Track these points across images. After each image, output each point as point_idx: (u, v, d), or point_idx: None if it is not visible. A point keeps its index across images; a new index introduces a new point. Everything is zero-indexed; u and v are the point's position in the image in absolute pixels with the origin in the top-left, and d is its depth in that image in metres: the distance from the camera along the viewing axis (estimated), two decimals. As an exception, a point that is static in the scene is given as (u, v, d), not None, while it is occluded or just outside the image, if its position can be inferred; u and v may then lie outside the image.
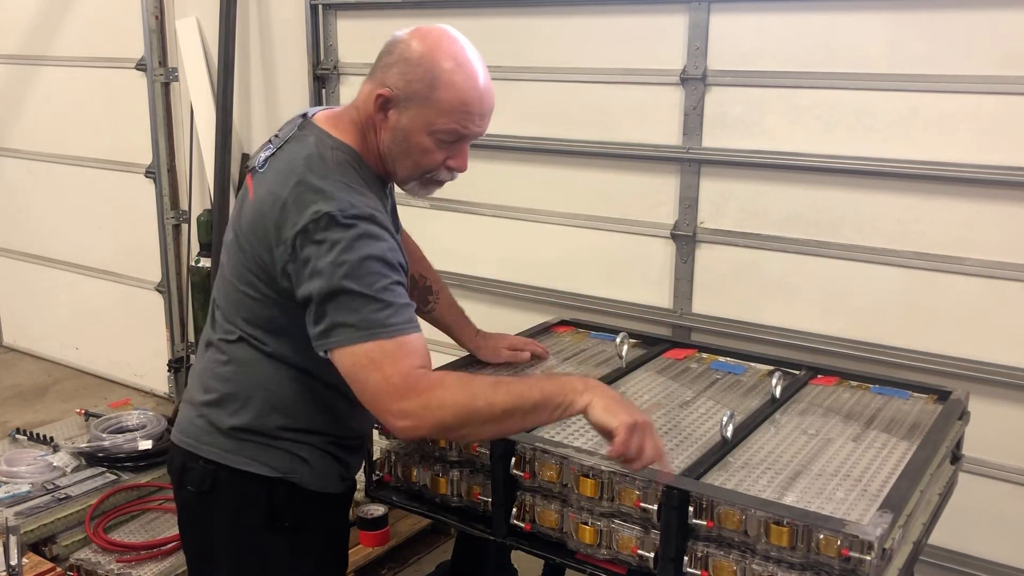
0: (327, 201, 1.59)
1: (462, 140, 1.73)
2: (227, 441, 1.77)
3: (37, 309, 5.35)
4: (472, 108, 1.68)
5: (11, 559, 2.63)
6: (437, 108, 1.66)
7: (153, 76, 4.30)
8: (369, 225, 1.60)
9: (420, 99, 1.67)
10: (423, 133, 1.69)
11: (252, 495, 1.76)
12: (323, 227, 1.57)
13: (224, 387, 1.77)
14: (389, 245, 1.62)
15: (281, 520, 1.77)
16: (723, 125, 2.86)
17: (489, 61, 1.76)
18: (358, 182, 1.68)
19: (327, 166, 1.66)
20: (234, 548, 1.82)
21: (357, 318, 1.56)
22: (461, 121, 1.68)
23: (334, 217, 1.57)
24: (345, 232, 1.57)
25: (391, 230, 1.66)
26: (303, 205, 1.59)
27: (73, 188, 4.90)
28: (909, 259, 2.64)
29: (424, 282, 2.24)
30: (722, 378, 2.26)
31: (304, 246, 1.58)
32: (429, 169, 1.75)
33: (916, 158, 2.57)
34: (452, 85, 1.66)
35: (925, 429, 1.96)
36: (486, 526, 1.85)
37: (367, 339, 1.55)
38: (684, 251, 2.99)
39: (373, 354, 1.55)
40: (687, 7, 2.84)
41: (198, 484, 1.80)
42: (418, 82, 1.66)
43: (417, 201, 3.54)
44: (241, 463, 1.76)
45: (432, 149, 1.71)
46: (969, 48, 2.46)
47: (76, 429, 3.51)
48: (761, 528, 1.52)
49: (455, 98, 1.66)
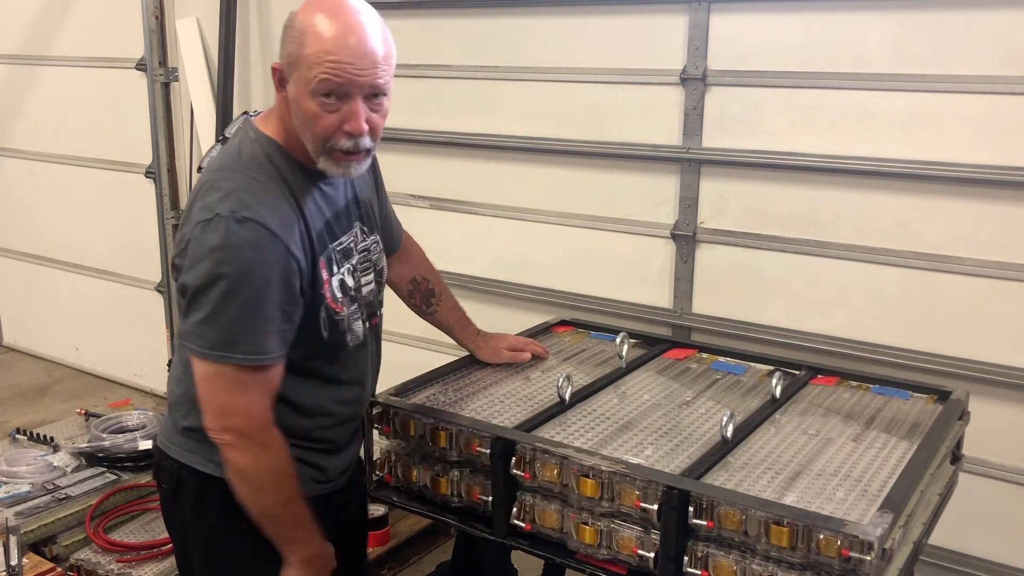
0: (223, 200, 1.61)
1: (349, 97, 1.62)
2: (186, 441, 1.80)
3: (37, 309, 5.35)
4: (339, 54, 1.58)
5: (11, 559, 2.63)
6: (308, 63, 1.59)
7: (153, 76, 4.30)
8: (259, 231, 1.59)
9: (296, 61, 1.61)
10: (306, 96, 1.61)
11: (211, 495, 1.78)
12: (214, 227, 1.59)
13: (178, 388, 1.81)
14: (273, 258, 1.62)
15: (239, 521, 1.76)
16: (723, 125, 2.86)
17: (489, 61, 1.76)
18: (273, 177, 1.67)
19: (239, 161, 1.68)
20: (203, 546, 1.86)
21: (216, 336, 1.60)
22: (331, 71, 1.58)
23: (223, 217, 1.59)
24: (229, 238, 1.58)
25: (285, 238, 1.63)
26: (202, 203, 1.63)
27: (73, 188, 4.89)
28: (909, 259, 2.64)
29: (427, 284, 2.24)
30: (722, 378, 2.26)
31: (191, 242, 1.62)
32: (325, 136, 1.64)
33: (916, 158, 2.57)
34: (319, 35, 1.59)
35: (925, 429, 1.96)
36: (486, 526, 1.85)
37: (220, 360, 1.61)
38: (684, 251, 2.99)
39: (227, 375, 1.62)
40: (687, 7, 2.84)
41: (168, 482, 1.85)
42: (292, 43, 1.62)
43: (417, 201, 3.54)
44: (198, 463, 1.78)
45: (320, 113, 1.62)
46: (969, 48, 2.46)
47: (76, 429, 3.52)
48: (761, 528, 1.52)
49: (322, 47, 1.58)
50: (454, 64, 3.33)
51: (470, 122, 3.37)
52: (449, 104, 3.40)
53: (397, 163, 3.58)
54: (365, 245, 1.88)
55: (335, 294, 1.77)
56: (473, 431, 1.85)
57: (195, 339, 1.62)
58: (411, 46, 3.44)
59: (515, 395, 2.09)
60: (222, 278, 1.58)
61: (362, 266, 1.86)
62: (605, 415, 1.99)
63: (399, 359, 3.71)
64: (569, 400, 2.02)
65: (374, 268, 1.92)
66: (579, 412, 2.00)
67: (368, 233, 1.90)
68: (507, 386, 2.15)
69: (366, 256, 1.88)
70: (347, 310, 1.80)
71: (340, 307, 1.78)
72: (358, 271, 1.84)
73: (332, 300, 1.76)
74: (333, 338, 1.78)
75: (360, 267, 1.85)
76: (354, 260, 1.83)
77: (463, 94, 3.36)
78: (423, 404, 2.01)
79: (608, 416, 1.99)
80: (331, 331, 1.78)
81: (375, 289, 1.92)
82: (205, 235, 1.60)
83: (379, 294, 1.95)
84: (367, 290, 1.88)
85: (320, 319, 1.75)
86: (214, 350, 1.61)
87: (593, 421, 1.96)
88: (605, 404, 2.06)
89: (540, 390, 2.12)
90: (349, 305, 1.81)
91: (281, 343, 1.66)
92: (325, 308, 1.75)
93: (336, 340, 1.79)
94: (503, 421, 1.93)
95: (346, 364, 1.84)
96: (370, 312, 1.90)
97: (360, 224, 1.87)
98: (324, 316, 1.75)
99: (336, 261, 1.78)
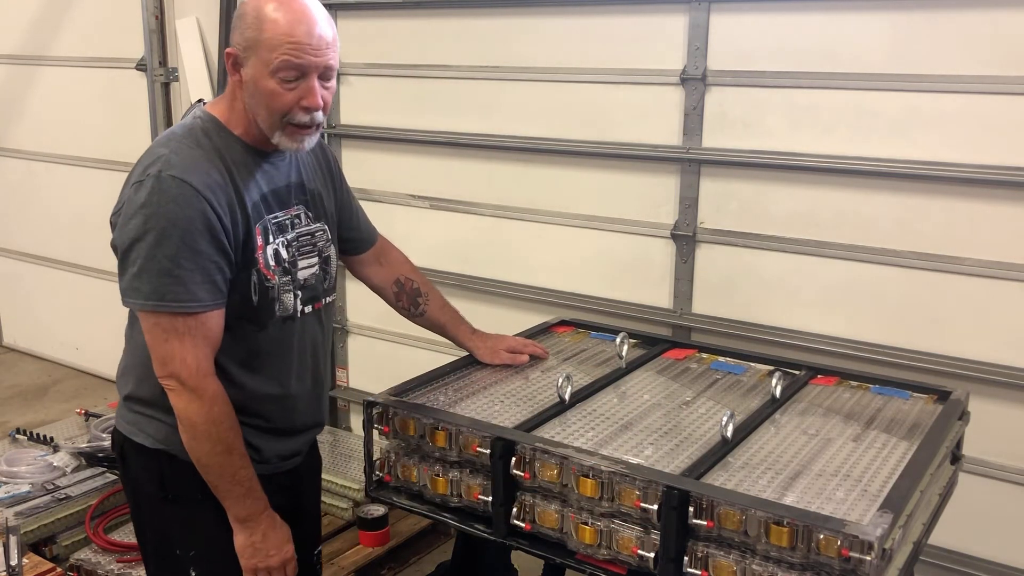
0: (154, 163, 1.72)
1: (306, 76, 1.75)
2: (126, 412, 1.91)
3: (37, 309, 5.35)
4: (299, 37, 1.71)
5: (11, 559, 2.63)
6: (267, 46, 1.72)
7: (153, 76, 4.30)
8: (182, 187, 1.69)
9: (253, 45, 1.73)
10: (265, 76, 1.73)
11: (145, 466, 1.88)
12: (144, 186, 1.70)
13: (123, 360, 1.92)
14: (195, 213, 1.70)
15: (168, 491, 1.86)
16: (723, 125, 2.86)
17: (489, 61, 1.76)
18: (205, 147, 1.77)
19: (175, 133, 1.80)
20: (144, 518, 1.95)
21: (148, 287, 1.69)
22: (291, 52, 1.71)
23: (151, 176, 1.70)
24: (155, 194, 1.68)
25: (208, 197, 1.71)
26: (139, 169, 1.75)
27: (73, 188, 4.89)
28: (909, 259, 2.64)
29: (411, 284, 2.25)
30: (722, 378, 2.26)
31: (126, 203, 1.74)
32: (283, 112, 1.76)
33: (916, 158, 2.57)
34: (275, 21, 1.71)
35: (925, 429, 1.96)
36: (486, 526, 1.85)
37: (155, 310, 1.71)
38: (684, 251, 2.99)
39: (164, 324, 1.71)
40: (687, 7, 2.84)
41: (116, 454, 1.96)
42: (249, 29, 1.74)
43: (417, 201, 3.54)
44: (133, 433, 1.88)
45: (279, 91, 1.74)
46: (969, 48, 2.46)
47: (76, 429, 3.52)
48: (761, 528, 1.52)
49: (280, 32, 1.71)
50: (454, 64, 3.33)
51: (470, 122, 3.37)
52: (449, 104, 3.40)
53: (397, 163, 3.59)
54: (309, 229, 1.95)
55: (268, 261, 1.85)
56: (473, 431, 1.85)
57: (133, 292, 1.72)
58: (411, 46, 3.44)
59: (515, 395, 2.09)
60: (150, 231, 1.69)
61: (303, 247, 1.93)
62: (605, 415, 1.99)
63: (399, 359, 3.72)
64: (569, 400, 2.02)
65: (319, 254, 1.97)
66: (579, 412, 2.00)
67: (314, 220, 1.97)
68: (507, 386, 2.15)
69: (309, 240, 1.95)
70: (278, 279, 1.87)
71: (272, 275, 1.86)
72: (293, 247, 1.90)
73: (264, 266, 1.84)
74: (262, 304, 1.85)
75: (297, 245, 1.92)
76: (290, 235, 1.90)
77: (463, 94, 3.36)
78: (423, 404, 2.01)
79: (608, 416, 1.99)
80: (261, 296, 1.84)
81: (319, 274, 1.97)
82: (137, 195, 1.71)
83: (324, 280, 2.00)
84: (308, 272, 1.94)
85: (252, 283, 1.83)
86: (148, 300, 1.71)
87: (593, 421, 1.96)
88: (605, 404, 2.06)
89: (540, 390, 2.12)
90: (282, 276, 1.88)
91: (213, 292, 1.74)
92: (257, 272, 1.83)
93: (265, 307, 1.86)
94: (503, 421, 1.93)
95: (275, 335, 1.89)
96: (311, 295, 1.95)
97: (304, 208, 1.95)
98: (256, 280, 1.83)
99: (271, 232, 1.86)
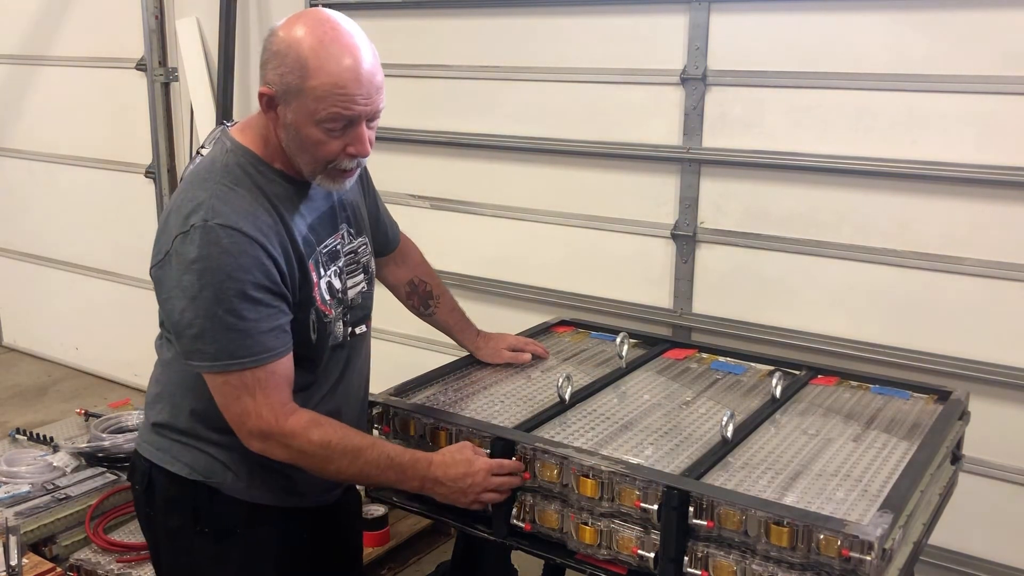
0: (196, 211, 1.61)
1: (354, 124, 1.64)
2: (157, 439, 1.82)
3: (37, 309, 5.35)
4: (349, 89, 1.59)
5: (11, 559, 2.63)
6: (313, 96, 1.59)
7: (153, 76, 4.30)
8: (233, 236, 1.59)
9: (296, 91, 1.60)
10: (310, 125, 1.62)
11: (178, 496, 1.80)
12: (190, 238, 1.59)
13: (155, 387, 1.85)
14: (251, 261, 1.61)
15: (201, 524, 1.77)
16: (723, 125, 2.86)
17: (489, 61, 1.75)
18: (247, 186, 1.67)
19: (212, 172, 1.68)
20: (169, 548, 1.86)
21: (214, 348, 1.61)
22: (341, 104, 1.60)
23: (197, 228, 1.59)
24: (205, 248, 1.58)
25: (262, 240, 1.62)
26: (178, 216, 1.63)
27: (73, 188, 4.89)
28: (909, 259, 2.64)
29: (425, 287, 2.24)
30: (722, 378, 2.26)
31: (172, 255, 1.62)
32: (328, 160, 1.67)
33: (916, 158, 2.57)
34: (321, 70, 1.58)
35: (925, 429, 1.96)
36: (486, 526, 1.84)
37: (225, 369, 1.62)
38: (684, 251, 2.99)
39: (234, 382, 1.63)
40: (687, 7, 2.84)
41: (139, 482, 1.86)
42: (290, 74, 1.60)
43: (417, 201, 3.54)
44: (167, 462, 1.80)
45: (324, 140, 1.64)
46: (969, 48, 2.46)
47: (76, 429, 3.51)
48: (761, 528, 1.52)
49: (328, 83, 1.58)
50: (454, 64, 3.33)
51: (470, 122, 3.36)
52: (449, 104, 3.40)
53: (397, 163, 3.59)
54: (352, 247, 1.88)
55: (323, 296, 1.77)
56: (473, 431, 1.85)
57: (198, 355, 1.63)
58: (411, 46, 3.44)
59: (515, 395, 2.09)
60: (205, 287, 1.59)
61: (349, 268, 1.86)
62: (605, 415, 1.99)
63: (399, 359, 3.72)
64: (569, 400, 2.02)
65: (364, 270, 1.91)
66: (579, 412, 2.00)
67: (356, 235, 1.90)
68: (507, 386, 2.15)
69: (353, 258, 1.88)
70: (334, 312, 1.81)
71: (329, 310, 1.79)
72: (344, 273, 1.84)
73: (321, 303, 1.77)
74: (319, 340, 1.79)
75: (347, 269, 1.85)
76: (341, 262, 1.83)
77: (463, 94, 3.36)
78: (423, 404, 2.01)
79: (608, 416, 1.99)
80: (319, 333, 1.78)
81: (365, 290, 1.92)
82: (184, 247, 1.60)
83: (368, 297, 1.94)
84: (355, 292, 1.88)
85: (310, 321, 1.75)
86: (217, 360, 1.61)
87: (593, 421, 1.96)
88: (605, 404, 2.06)
89: (540, 390, 2.12)
90: (337, 307, 1.81)
91: (281, 337, 1.66)
92: (315, 311, 1.76)
93: (321, 342, 1.79)
94: (503, 421, 1.93)
95: (327, 366, 1.83)
96: (356, 318, 1.89)
97: (347, 226, 1.87)
98: (314, 318, 1.76)
99: (323, 264, 1.78)
